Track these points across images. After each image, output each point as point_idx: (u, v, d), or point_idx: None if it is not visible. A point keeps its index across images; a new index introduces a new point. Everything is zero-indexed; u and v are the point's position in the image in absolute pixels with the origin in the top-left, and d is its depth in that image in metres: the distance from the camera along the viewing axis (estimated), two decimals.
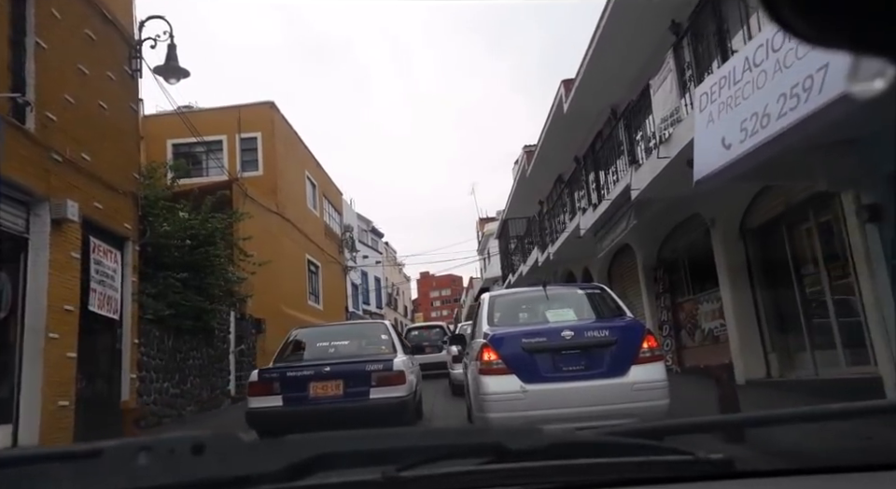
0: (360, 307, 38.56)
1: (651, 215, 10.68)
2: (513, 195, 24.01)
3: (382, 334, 8.42)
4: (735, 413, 3.19)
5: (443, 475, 1.00)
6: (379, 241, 47.98)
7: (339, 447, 1.03)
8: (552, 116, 15.55)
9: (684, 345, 12.60)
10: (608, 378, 5.59)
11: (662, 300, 13.07)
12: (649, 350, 5.82)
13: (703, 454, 1.04)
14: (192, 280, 11.61)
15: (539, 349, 5.75)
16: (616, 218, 11.42)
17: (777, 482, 1.09)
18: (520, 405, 5.49)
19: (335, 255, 27.06)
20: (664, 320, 12.99)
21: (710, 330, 11.34)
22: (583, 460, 1.07)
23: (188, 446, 0.95)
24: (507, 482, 1.00)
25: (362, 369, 7.02)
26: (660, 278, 13.14)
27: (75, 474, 0.97)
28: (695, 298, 11.94)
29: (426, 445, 1.09)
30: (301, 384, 6.92)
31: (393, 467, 0.96)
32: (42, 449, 1.80)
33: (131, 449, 0.96)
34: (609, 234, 11.94)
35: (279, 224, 19.32)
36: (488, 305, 6.86)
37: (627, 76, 12.21)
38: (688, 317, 12.33)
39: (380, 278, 44.30)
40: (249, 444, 1.02)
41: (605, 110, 14.19)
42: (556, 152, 17.31)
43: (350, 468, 1.01)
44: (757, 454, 1.45)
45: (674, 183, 8.95)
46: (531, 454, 1.01)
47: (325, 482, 0.98)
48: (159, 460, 0.94)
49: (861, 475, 1.08)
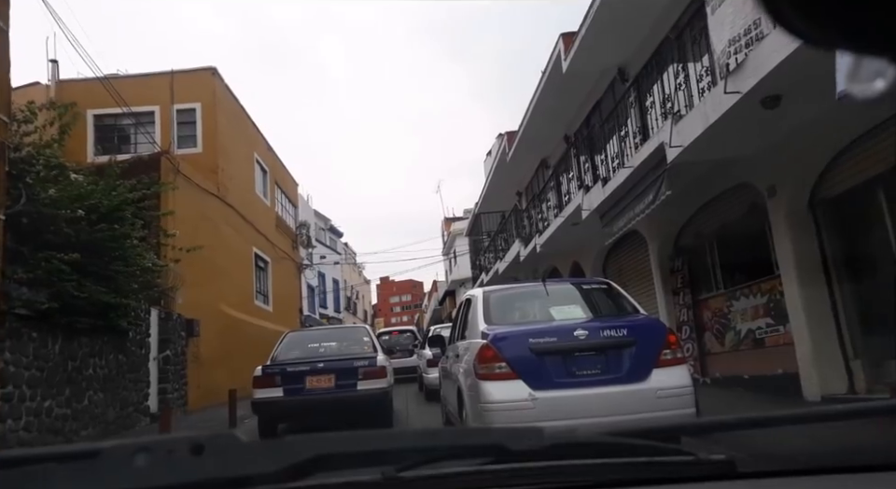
0: (317, 311, 35.71)
1: (685, 185, 8.44)
2: (489, 184, 21.68)
3: (364, 337, 9.55)
4: (735, 414, 2.14)
5: (443, 475, 0.99)
6: (338, 241, 45.10)
7: (338, 447, 1.04)
8: (546, 78, 13.27)
9: (709, 350, 10.40)
10: (627, 384, 4.93)
11: (680, 297, 10.87)
12: (671, 352, 5.11)
13: (704, 454, 1.06)
14: (92, 265, 8.88)
15: (549, 350, 5.03)
16: (636, 193, 9.14)
17: (779, 483, 1.09)
18: (529, 415, 4.77)
19: (288, 251, 24.25)
20: (683, 321, 10.78)
21: (750, 332, 9.15)
22: (584, 461, 1.06)
23: (186, 447, 0.95)
24: (507, 482, 1.00)
25: (350, 365, 8.05)
26: (678, 270, 10.94)
27: (73, 475, 0.97)
28: (727, 292, 9.75)
29: (425, 446, 1.09)
30: (298, 378, 7.92)
31: (393, 467, 0.96)
32: (41, 449, 1.53)
33: (129, 449, 0.96)
34: (625, 214, 9.65)
35: (220, 209, 16.54)
36: (483, 301, 6.00)
37: (643, 27, 10.02)
38: (715, 317, 10.13)
39: (338, 280, 41.43)
40: (248, 445, 1.02)
41: (610, 71, 11.99)
42: (546, 127, 15.07)
43: (349, 469, 1.00)
44: (758, 455, 1.24)
45: (739, 133, 6.69)
46: (532, 454, 1.01)
47: (324, 483, 0.97)
48: (157, 461, 0.94)
49: (861, 475, 1.07)
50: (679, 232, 10.88)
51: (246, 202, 18.92)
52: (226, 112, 17.85)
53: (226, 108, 17.93)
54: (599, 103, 13.27)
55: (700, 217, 10.12)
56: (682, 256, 10.89)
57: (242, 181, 18.84)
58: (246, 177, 19.56)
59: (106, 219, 8.98)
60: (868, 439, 1.99)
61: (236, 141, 18.60)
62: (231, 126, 18.16)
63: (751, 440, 2.07)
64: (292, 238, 24.98)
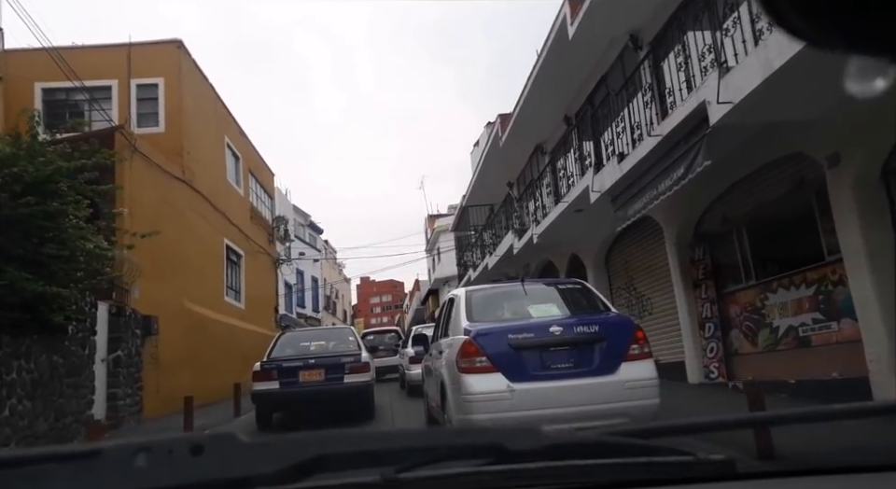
0: (294, 309, 34.13)
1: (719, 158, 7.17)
2: (478, 174, 20.34)
3: (349, 337, 10.52)
4: (735, 413, 2.48)
5: (442, 476, 0.98)
6: (318, 237, 43.49)
7: (337, 448, 1.03)
8: (548, 49, 11.97)
9: (736, 350, 9.17)
10: (598, 376, 5.29)
11: (702, 291, 9.62)
12: (638, 347, 5.51)
13: (704, 454, 1.04)
14: (16, 247, 7.39)
15: (526, 345, 5.40)
16: (661, 168, 7.86)
17: (778, 483, 1.07)
18: (506, 405, 5.15)
19: (264, 244, 22.70)
20: (705, 317, 9.53)
21: (791, 330, 7.92)
22: (584, 461, 1.04)
23: (186, 447, 0.95)
24: (507, 483, 0.99)
25: (338, 361, 9.06)
26: (699, 260, 9.70)
27: (74, 475, 0.96)
28: (761, 284, 8.51)
29: (424, 446, 1.09)
30: (292, 372, 8.89)
31: (392, 468, 0.95)
32: (41, 450, 1.60)
33: (129, 450, 0.95)
34: (645, 194, 8.36)
35: (185, 195, 15.00)
36: (465, 300, 6.35)
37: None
38: (745, 312, 8.90)
39: (318, 278, 39.86)
40: (248, 445, 1.01)
41: (620, 39, 10.73)
42: (544, 107, 13.78)
43: (349, 470, 0.99)
44: (758, 455, 1.51)
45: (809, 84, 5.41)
46: (531, 454, 1.00)
47: (323, 484, 0.96)
48: (157, 461, 0.93)
49: (861, 475, 1.06)
50: (702, 217, 9.64)
51: (217, 190, 17.37)
52: (192, 90, 16.29)
53: (193, 85, 16.37)
54: (606, 77, 12.02)
55: (729, 198, 8.88)
56: (704, 243, 9.64)
57: (211, 166, 17.29)
58: (216, 162, 18.01)
59: (34, 192, 7.49)
60: (868, 439, 1.90)
61: (204, 122, 17.04)
62: (198, 105, 16.60)
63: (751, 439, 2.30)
64: (268, 231, 23.42)
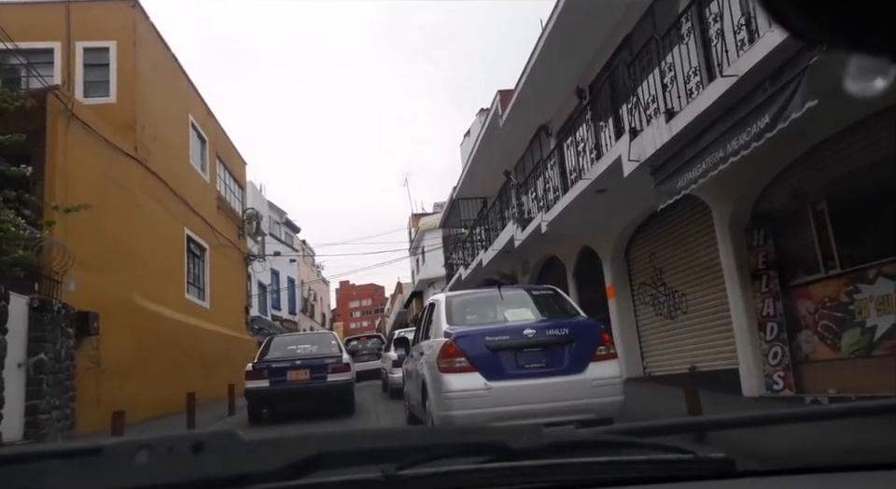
0: (269, 311, 31.98)
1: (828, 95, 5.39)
2: (471, 162, 18.50)
3: (332, 341, 11.96)
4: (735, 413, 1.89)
5: (444, 474, 0.98)
6: (294, 236, 41.34)
7: (339, 446, 1.03)
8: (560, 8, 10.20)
9: (807, 357, 7.42)
10: (567, 375, 5.77)
11: (762, 283, 7.86)
12: (605, 348, 6.02)
13: (704, 452, 1.04)
14: None
15: (501, 347, 5.85)
16: (732, 120, 6.08)
17: (778, 482, 1.07)
18: (483, 402, 5.60)
19: (233, 238, 20.63)
20: (766, 315, 7.77)
21: (892, 332, 6.19)
22: (584, 459, 1.05)
23: (187, 444, 0.94)
24: (507, 480, 0.99)
25: (322, 362, 10.40)
26: (759, 246, 7.94)
27: (74, 472, 0.95)
28: (847, 274, 6.77)
29: (426, 444, 1.09)
30: (281, 372, 10.12)
31: (393, 465, 0.95)
32: (42, 447, 1.72)
33: (130, 447, 0.95)
34: (706, 156, 6.56)
35: (138, 175, 12.95)
36: (445, 305, 6.81)
37: None
38: (822, 309, 7.15)
39: (294, 279, 37.72)
40: (248, 443, 0.99)
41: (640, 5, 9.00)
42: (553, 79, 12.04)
43: (350, 467, 0.99)
44: (758, 454, 1.26)
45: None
46: (532, 452, 1.00)
47: (325, 481, 0.96)
48: (158, 458, 0.93)
49: (861, 475, 1.06)
50: (762, 193, 7.89)
51: (177, 173, 15.33)
52: (150, 57, 14.26)
53: (150, 52, 14.34)
54: (630, 37, 10.29)
55: (802, 168, 7.14)
56: (765, 226, 7.89)
57: (171, 146, 15.24)
58: (178, 143, 15.96)
59: None
60: (868, 438, 2.04)
61: (164, 95, 14.99)
62: (157, 75, 14.57)
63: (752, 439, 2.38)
64: (238, 224, 21.35)
